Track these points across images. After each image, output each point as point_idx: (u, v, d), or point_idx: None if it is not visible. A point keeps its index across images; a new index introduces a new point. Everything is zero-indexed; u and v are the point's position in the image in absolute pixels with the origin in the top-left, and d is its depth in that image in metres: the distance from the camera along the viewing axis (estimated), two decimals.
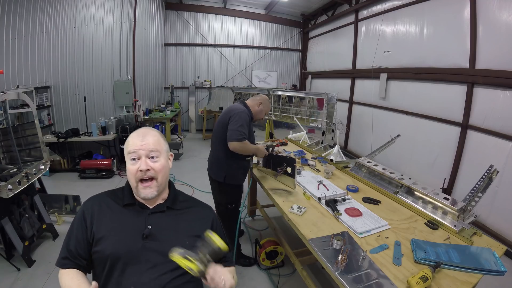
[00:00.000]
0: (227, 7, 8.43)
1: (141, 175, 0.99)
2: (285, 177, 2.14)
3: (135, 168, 0.99)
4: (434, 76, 4.20)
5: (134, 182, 1.00)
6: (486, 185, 1.76)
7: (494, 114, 3.30)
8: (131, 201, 1.05)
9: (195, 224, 1.09)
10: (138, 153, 1.00)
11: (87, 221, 1.00)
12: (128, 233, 0.98)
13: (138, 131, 1.06)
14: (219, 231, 1.14)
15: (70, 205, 3.28)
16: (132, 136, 1.04)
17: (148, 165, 1.00)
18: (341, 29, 7.02)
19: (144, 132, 1.04)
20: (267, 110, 2.49)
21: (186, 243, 1.02)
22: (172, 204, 1.09)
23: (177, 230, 1.04)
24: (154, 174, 1.01)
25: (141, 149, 1.00)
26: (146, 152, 1.00)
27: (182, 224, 1.06)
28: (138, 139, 1.01)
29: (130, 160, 1.01)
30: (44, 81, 4.70)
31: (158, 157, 1.03)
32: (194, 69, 8.57)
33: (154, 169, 1.01)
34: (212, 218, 1.15)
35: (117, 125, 4.95)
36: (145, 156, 1.00)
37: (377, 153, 2.60)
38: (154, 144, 1.02)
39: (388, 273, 1.23)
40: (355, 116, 6.46)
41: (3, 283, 2.26)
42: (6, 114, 2.73)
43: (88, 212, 1.02)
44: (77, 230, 1.00)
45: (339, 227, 1.61)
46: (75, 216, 1.05)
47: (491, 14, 3.31)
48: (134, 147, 1.00)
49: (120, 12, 5.16)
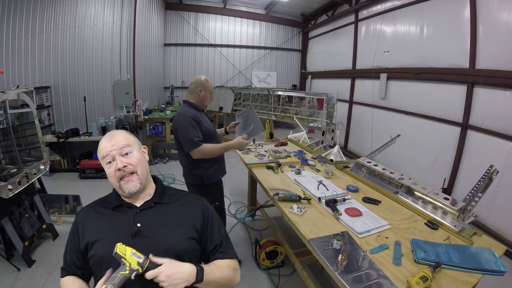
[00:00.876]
0: (227, 7, 8.43)
1: (120, 174, 1.00)
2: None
3: (113, 169, 1.01)
4: (434, 76, 4.20)
5: (116, 182, 1.02)
6: (486, 185, 1.75)
7: (494, 114, 3.30)
8: (118, 202, 1.06)
9: (185, 214, 1.08)
10: (111, 155, 1.01)
11: (79, 231, 1.02)
12: (118, 234, 0.98)
13: (105, 136, 1.08)
14: (211, 219, 1.12)
15: (70, 205, 3.28)
16: (101, 142, 1.05)
17: (123, 162, 1.01)
18: (341, 29, 7.02)
19: (111, 134, 1.07)
20: (211, 91, 2.27)
21: (177, 235, 1.01)
22: (160, 199, 1.09)
23: (167, 223, 1.04)
24: (133, 168, 1.02)
25: (112, 150, 1.01)
26: (118, 150, 1.02)
27: (172, 217, 1.06)
28: (107, 142, 1.03)
29: (106, 164, 1.02)
30: (44, 81, 4.71)
31: (131, 152, 1.04)
32: (194, 69, 8.57)
33: (131, 163, 1.02)
34: (203, 206, 1.13)
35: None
36: (118, 155, 1.02)
37: (377, 153, 2.60)
38: (123, 140, 1.04)
39: (388, 273, 1.23)
40: (355, 116, 6.46)
41: (3, 283, 2.26)
42: (6, 114, 2.74)
43: (80, 222, 1.04)
44: (71, 241, 1.04)
45: (339, 227, 1.61)
46: (70, 228, 1.07)
47: (491, 14, 3.31)
48: (106, 150, 1.01)
49: (120, 12, 5.16)
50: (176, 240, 1.00)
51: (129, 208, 1.06)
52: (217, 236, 1.10)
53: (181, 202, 1.12)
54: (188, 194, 1.20)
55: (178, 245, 0.99)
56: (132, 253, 0.84)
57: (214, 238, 1.09)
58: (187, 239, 1.02)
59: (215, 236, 1.10)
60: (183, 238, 1.02)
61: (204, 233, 1.09)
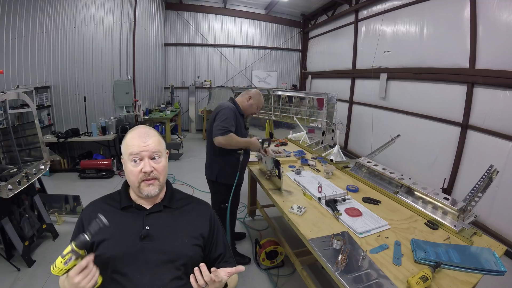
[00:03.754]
0: (227, 7, 8.43)
1: (144, 176, 0.99)
2: (275, 178, 2.18)
3: (138, 169, 0.99)
4: (434, 76, 4.20)
5: (137, 182, 1.00)
6: (486, 185, 1.75)
7: (494, 114, 3.30)
8: (128, 203, 1.05)
9: (193, 221, 1.09)
10: (141, 155, 0.99)
11: (85, 228, 1.01)
12: (126, 235, 0.98)
13: (137, 131, 1.04)
14: (217, 227, 1.15)
15: (70, 205, 3.28)
16: (132, 137, 1.02)
17: (152, 166, 1.00)
18: (341, 29, 7.02)
19: (145, 133, 1.03)
20: (259, 104, 2.38)
21: (185, 241, 1.02)
22: (169, 203, 1.09)
23: (175, 228, 1.04)
24: (157, 175, 1.01)
25: (144, 150, 0.99)
26: (149, 153, 1.00)
27: (180, 222, 1.06)
28: (140, 140, 1.00)
29: (131, 161, 1.00)
30: (44, 81, 4.70)
31: (160, 158, 1.03)
32: (194, 69, 8.57)
33: (157, 170, 1.01)
34: (210, 214, 1.14)
35: (117, 125, 4.95)
36: (148, 158, 1.00)
37: (377, 153, 2.61)
38: (156, 145, 1.02)
39: (388, 273, 1.23)
40: (355, 116, 6.46)
41: (3, 283, 2.26)
42: (6, 114, 2.74)
43: (86, 219, 1.03)
44: None
45: (339, 227, 1.61)
46: (75, 224, 1.06)
47: (491, 14, 3.31)
48: (138, 149, 0.99)
49: (120, 12, 5.15)
50: (183, 246, 1.00)
51: (138, 210, 1.05)
52: (221, 244, 1.13)
53: (189, 208, 1.13)
54: (195, 199, 1.20)
55: (184, 251, 0.99)
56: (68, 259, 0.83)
57: (219, 247, 1.12)
58: (193, 246, 1.03)
59: (220, 244, 1.12)
60: (189, 245, 1.02)
61: (210, 241, 1.10)
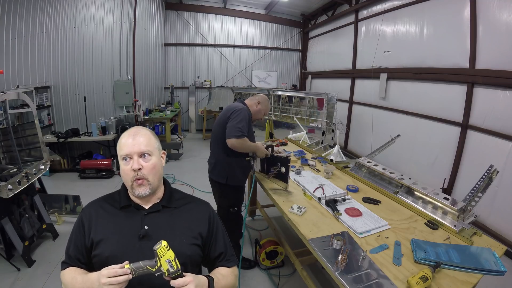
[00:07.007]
0: (227, 7, 8.43)
1: (135, 174, 1.00)
2: (278, 180, 2.15)
3: (128, 168, 1.00)
4: (434, 76, 4.19)
5: (130, 181, 1.01)
6: (486, 185, 1.75)
7: (494, 114, 3.30)
8: (127, 203, 1.06)
9: (191, 220, 1.09)
10: (130, 154, 1.01)
11: (85, 227, 1.02)
12: (125, 235, 0.98)
13: (129, 131, 1.06)
14: (217, 226, 1.14)
15: (70, 205, 3.28)
16: (123, 137, 1.04)
17: (140, 164, 1.01)
18: (341, 29, 7.02)
19: (135, 132, 1.05)
20: (266, 110, 2.42)
21: (184, 241, 1.02)
22: (168, 203, 1.09)
23: (174, 228, 1.04)
24: (145, 173, 1.02)
25: (133, 149, 1.01)
26: (138, 151, 1.01)
27: (179, 222, 1.07)
28: (130, 139, 1.02)
29: (122, 160, 1.02)
30: (44, 81, 4.70)
31: (150, 156, 1.04)
32: (194, 69, 8.57)
33: (146, 168, 1.02)
34: (209, 213, 1.14)
35: (117, 125, 4.95)
36: (137, 156, 1.01)
37: (377, 153, 2.60)
38: (146, 143, 1.03)
39: (388, 273, 1.23)
40: (355, 116, 6.46)
41: (3, 283, 2.26)
42: (6, 114, 2.73)
43: (86, 218, 1.04)
44: (76, 236, 1.03)
45: (339, 227, 1.61)
46: (75, 222, 1.06)
47: (491, 14, 3.31)
48: (127, 148, 1.01)
49: (120, 12, 5.16)
50: (182, 245, 1.00)
51: (137, 210, 1.06)
52: (221, 243, 1.12)
53: (188, 207, 1.13)
54: (194, 199, 1.20)
55: (183, 251, 0.99)
56: (168, 260, 0.83)
57: (219, 246, 1.11)
58: (191, 245, 1.03)
59: (219, 243, 1.12)
60: (188, 244, 1.02)
61: (209, 240, 1.10)
